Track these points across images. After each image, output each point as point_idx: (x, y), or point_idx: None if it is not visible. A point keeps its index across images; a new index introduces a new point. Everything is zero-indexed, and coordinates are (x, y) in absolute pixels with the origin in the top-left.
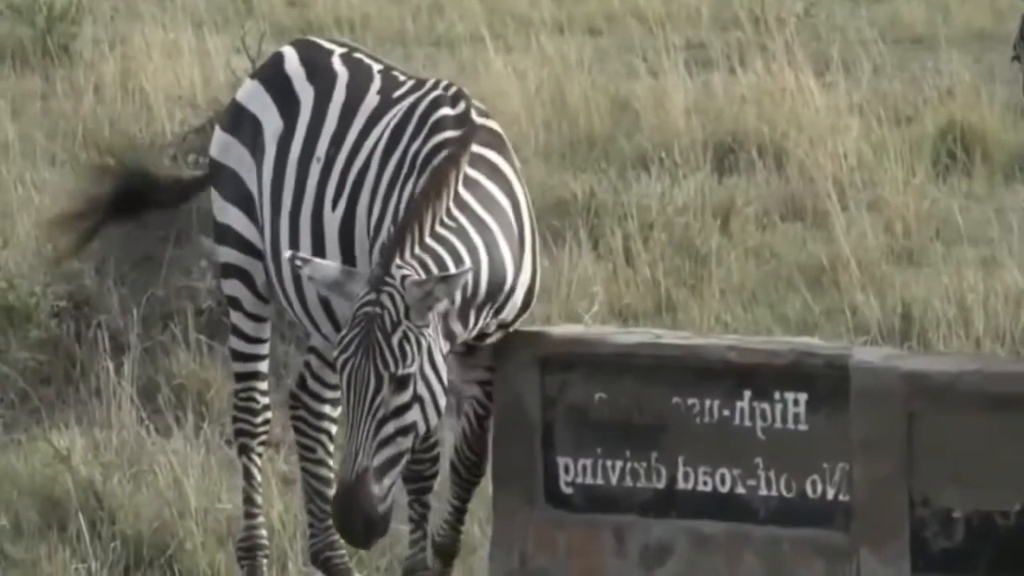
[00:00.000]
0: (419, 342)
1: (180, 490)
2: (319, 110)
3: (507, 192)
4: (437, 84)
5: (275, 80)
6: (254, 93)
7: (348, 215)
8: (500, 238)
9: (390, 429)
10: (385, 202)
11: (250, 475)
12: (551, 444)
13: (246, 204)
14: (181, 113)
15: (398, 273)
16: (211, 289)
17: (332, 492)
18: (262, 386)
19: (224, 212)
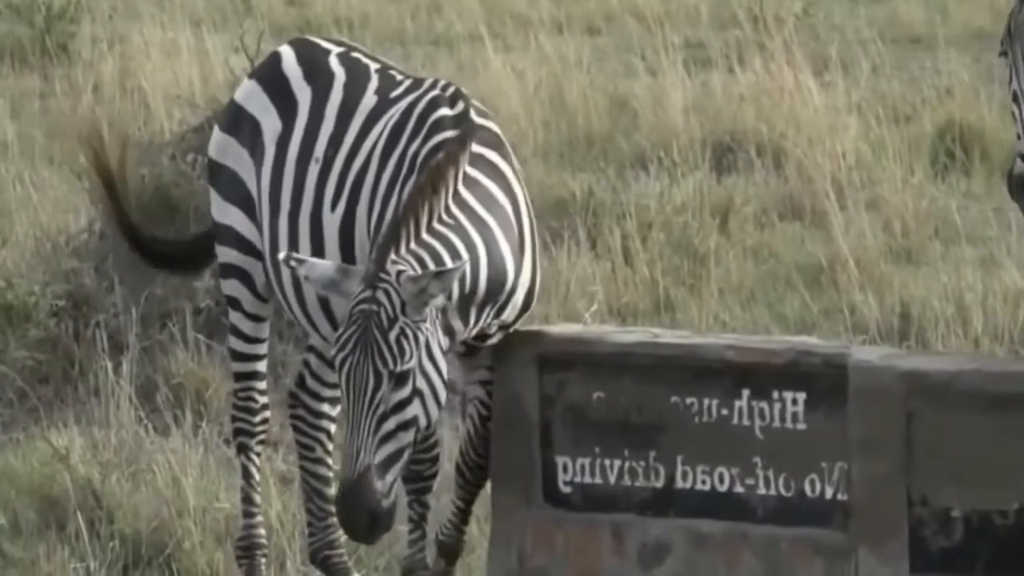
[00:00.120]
0: (416, 337)
1: (178, 489)
2: (317, 110)
3: (507, 192)
4: (435, 84)
5: (273, 80)
6: (252, 93)
7: (348, 216)
8: (500, 237)
9: (391, 425)
10: (385, 202)
11: (248, 474)
12: (549, 443)
13: (245, 204)
14: (180, 112)
15: (393, 269)
16: (209, 288)
17: (331, 491)
18: (261, 386)
19: (223, 212)
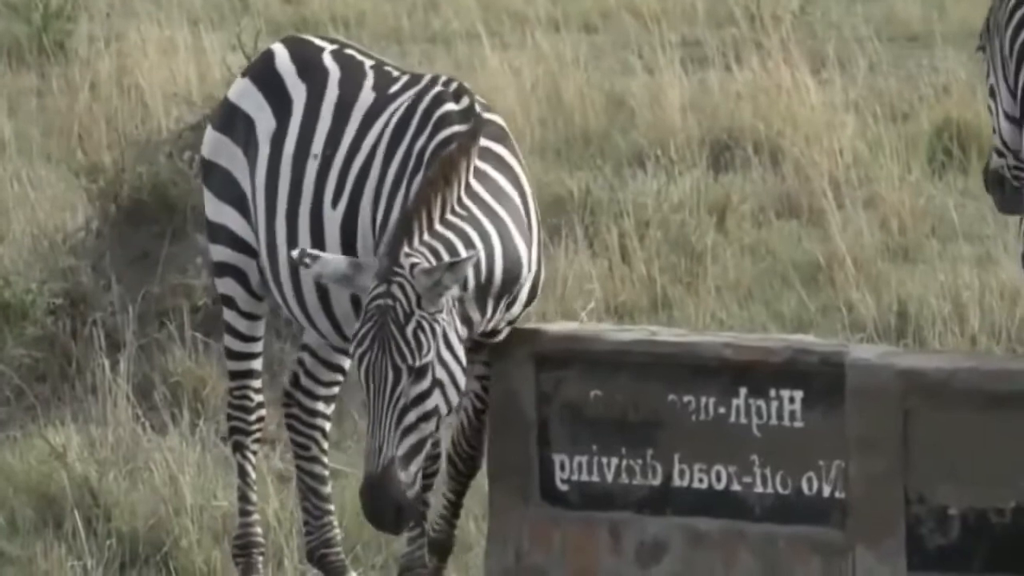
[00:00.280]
0: (433, 329)
1: (176, 487)
2: (312, 108)
3: (515, 185)
4: (436, 80)
5: (266, 78)
6: (246, 91)
7: (350, 213)
8: (512, 228)
9: (412, 417)
10: (391, 200)
11: (244, 473)
12: (547, 441)
13: (239, 203)
14: (177, 110)
15: (407, 262)
16: (207, 287)
17: (327, 489)
18: (256, 384)
19: (217, 211)
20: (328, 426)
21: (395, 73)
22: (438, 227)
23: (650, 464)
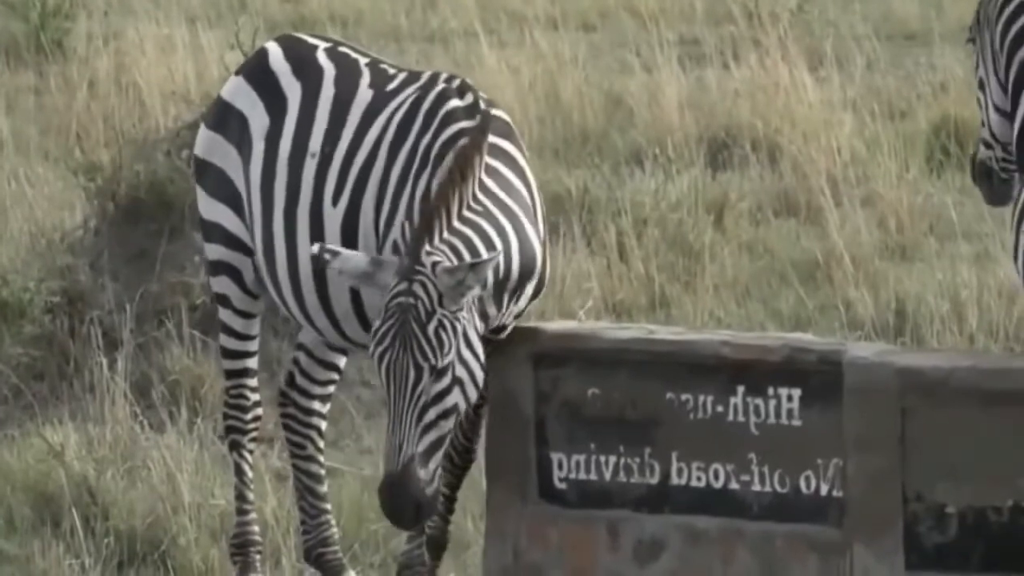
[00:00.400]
0: (454, 327)
1: (174, 485)
2: (308, 105)
3: (522, 180)
4: (436, 77)
5: (260, 76)
6: (239, 89)
7: (351, 210)
8: (525, 222)
9: (432, 415)
10: (396, 197)
11: (241, 472)
12: (544, 439)
13: (233, 201)
14: (175, 108)
15: (428, 260)
16: (205, 285)
17: (323, 488)
18: (252, 383)
19: (211, 209)
20: (324, 425)
21: (391, 71)
22: (456, 224)
23: (648, 462)
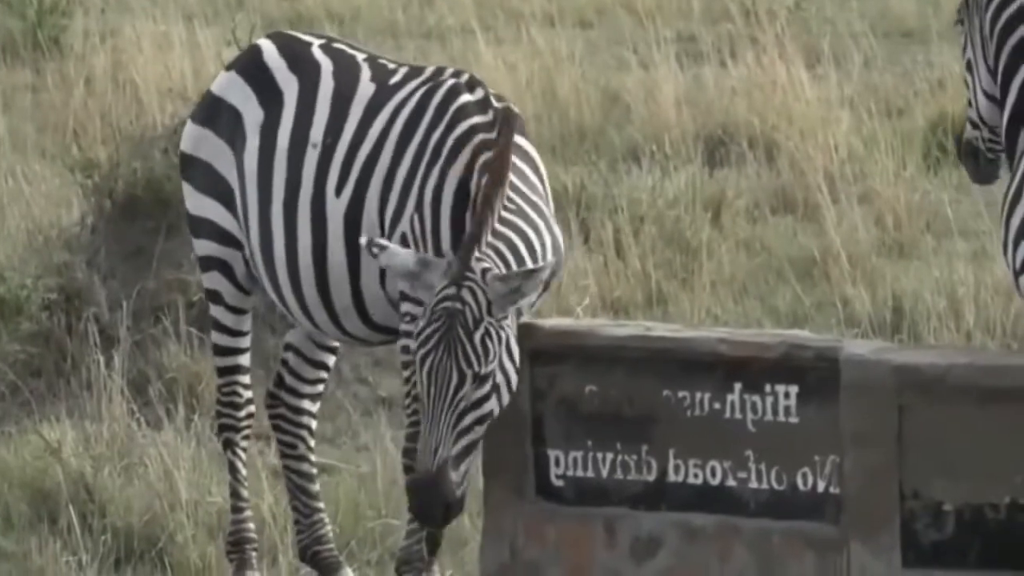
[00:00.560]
0: (499, 336)
1: (171, 483)
2: (307, 99)
3: (538, 174)
4: (441, 71)
5: (254, 71)
6: (232, 84)
7: (355, 202)
8: (549, 216)
9: (469, 420)
10: (404, 191)
11: (235, 470)
12: (541, 437)
13: (223, 196)
14: (172, 106)
15: (478, 266)
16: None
17: (316, 487)
18: (245, 380)
19: (199, 205)
20: (314, 424)
21: (391, 65)
22: (497, 226)
23: (645, 459)
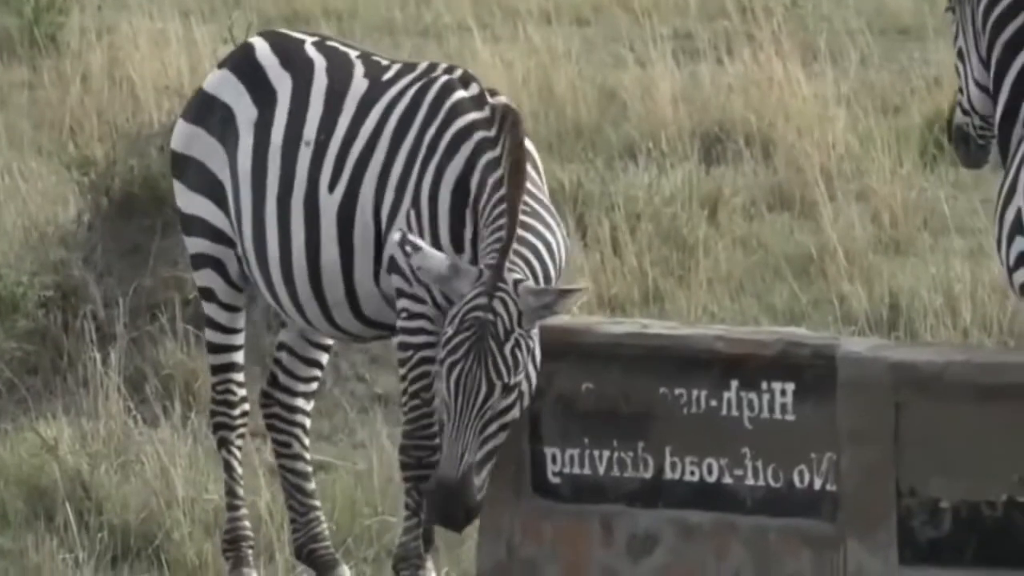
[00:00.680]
0: (528, 347)
1: (167, 480)
2: (300, 96)
3: (538, 172)
4: (434, 67)
5: (246, 69)
6: (224, 81)
7: (348, 198)
8: (555, 213)
9: (494, 427)
10: (400, 187)
11: (231, 468)
12: (538, 434)
13: (215, 193)
14: (168, 103)
15: (509, 277)
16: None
17: (311, 485)
18: (239, 377)
19: (191, 203)
20: (309, 422)
21: (384, 62)
22: (520, 232)
23: (641, 457)
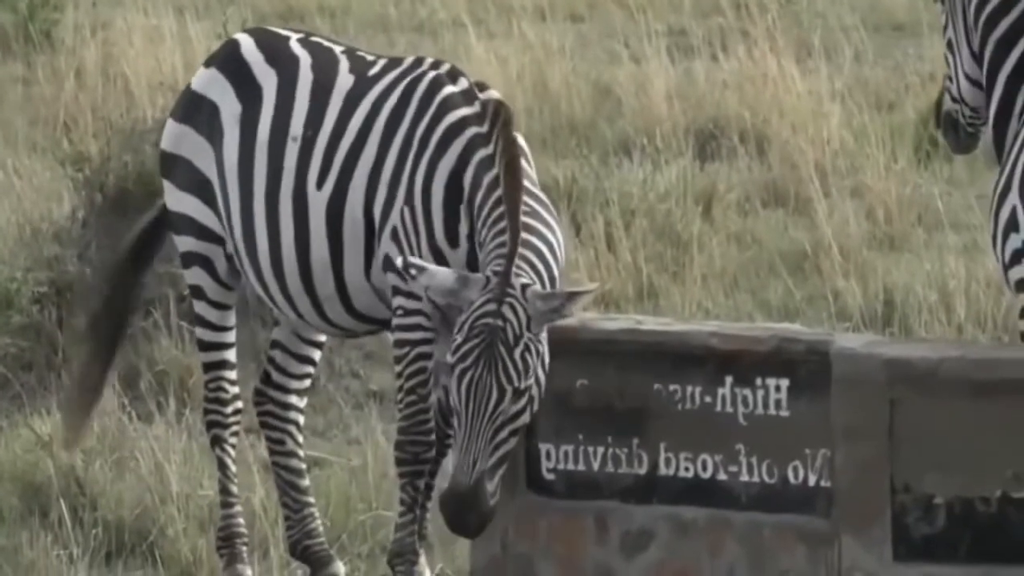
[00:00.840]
0: (538, 351)
1: (162, 476)
2: (286, 92)
3: (531, 167)
4: (420, 61)
5: (232, 66)
6: (212, 80)
7: (337, 194)
8: (551, 208)
9: (505, 433)
10: (393, 183)
11: (224, 465)
12: (533, 430)
13: (203, 192)
14: (163, 99)
15: (517, 282)
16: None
17: (305, 482)
18: (231, 375)
19: (180, 202)
20: (302, 419)
21: (369, 57)
22: (524, 235)
23: (636, 453)
